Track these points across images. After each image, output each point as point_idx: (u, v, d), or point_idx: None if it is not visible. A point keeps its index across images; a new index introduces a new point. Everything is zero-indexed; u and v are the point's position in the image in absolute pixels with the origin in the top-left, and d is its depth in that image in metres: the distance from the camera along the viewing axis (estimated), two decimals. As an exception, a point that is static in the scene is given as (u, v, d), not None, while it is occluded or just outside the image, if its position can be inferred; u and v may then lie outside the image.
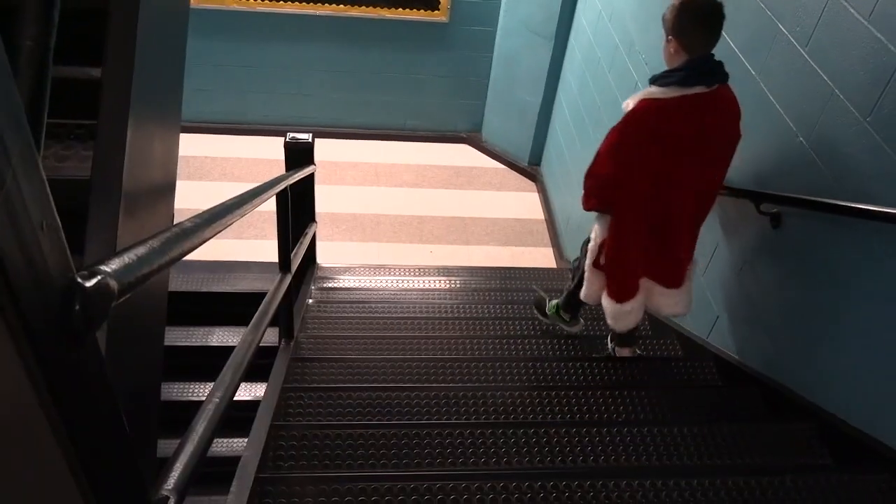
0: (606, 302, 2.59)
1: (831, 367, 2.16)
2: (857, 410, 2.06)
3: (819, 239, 2.18)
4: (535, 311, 3.35)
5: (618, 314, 2.59)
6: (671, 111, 2.18)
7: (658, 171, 2.28)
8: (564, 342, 3.14)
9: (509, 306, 3.77)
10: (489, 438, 2.17)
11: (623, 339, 2.88)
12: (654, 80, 2.23)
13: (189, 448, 1.11)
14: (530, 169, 6.08)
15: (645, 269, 2.53)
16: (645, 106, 2.21)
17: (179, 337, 3.55)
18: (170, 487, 0.99)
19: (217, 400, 1.31)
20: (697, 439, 2.23)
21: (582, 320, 3.15)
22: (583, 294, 2.69)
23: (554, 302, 3.17)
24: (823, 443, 2.20)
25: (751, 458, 2.19)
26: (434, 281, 4.28)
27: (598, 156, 2.39)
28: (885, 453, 1.93)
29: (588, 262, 2.60)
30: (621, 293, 2.55)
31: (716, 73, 2.19)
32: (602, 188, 2.41)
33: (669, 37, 2.20)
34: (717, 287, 2.82)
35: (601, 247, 2.52)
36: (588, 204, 2.48)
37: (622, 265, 2.51)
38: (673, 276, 2.53)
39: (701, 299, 2.95)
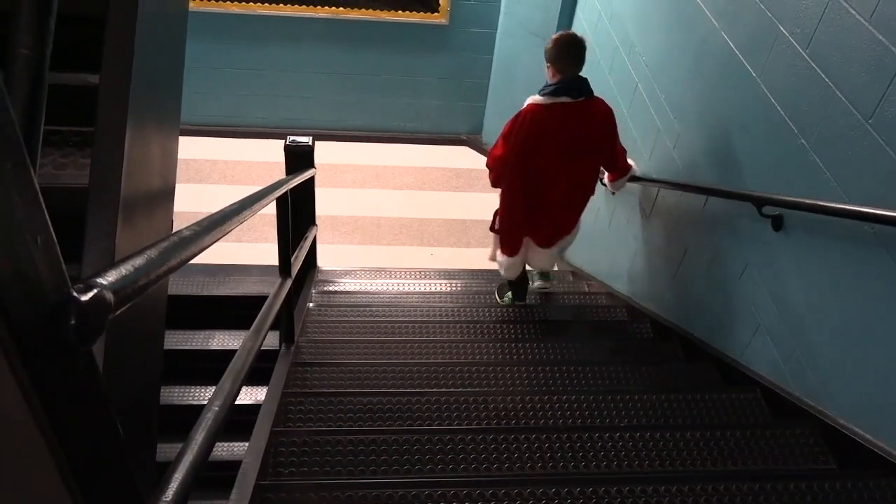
0: (501, 257, 3.45)
1: (835, 371, 2.15)
2: (862, 415, 2.05)
3: (822, 242, 2.17)
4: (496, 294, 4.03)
5: (508, 265, 3.46)
6: (545, 113, 2.96)
7: (533, 158, 3.03)
8: (565, 346, 3.13)
9: (510, 309, 3.76)
10: (490, 444, 2.16)
11: (519, 287, 3.73)
12: (539, 91, 2.99)
13: (188, 458, 1.10)
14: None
15: (526, 231, 3.35)
16: (529, 108, 2.99)
17: (180, 341, 3.55)
18: (168, 499, 0.98)
19: (216, 408, 1.30)
20: (700, 444, 2.22)
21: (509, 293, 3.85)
22: (489, 255, 3.60)
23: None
24: (827, 448, 2.19)
25: (753, 464, 2.18)
26: (435, 284, 4.27)
27: (496, 141, 3.15)
28: (889, 459, 1.92)
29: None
30: (511, 249, 3.39)
31: (580, 89, 2.95)
32: (497, 166, 3.16)
33: (548, 63, 2.96)
34: (718, 289, 2.81)
35: (495, 214, 3.39)
36: (491, 179, 3.28)
37: (510, 227, 3.32)
38: (545, 238, 3.37)
39: (703, 302, 2.94)
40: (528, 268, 3.69)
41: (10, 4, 0.97)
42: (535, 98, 2.97)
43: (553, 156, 3.02)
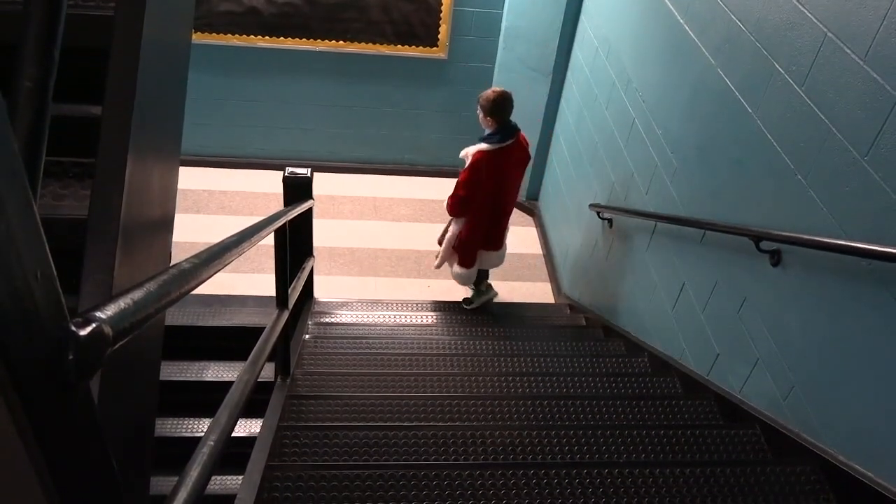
0: (459, 269, 4.24)
1: (836, 407, 2.13)
2: (864, 453, 2.03)
3: (820, 277, 2.17)
4: (464, 306, 4.65)
5: (467, 276, 4.27)
6: (493, 156, 3.77)
7: (490, 191, 3.88)
8: (562, 380, 3.11)
9: (508, 342, 3.74)
10: (488, 480, 2.13)
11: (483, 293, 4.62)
12: (483, 139, 3.79)
13: (182, 494, 1.08)
14: (528, 204, 6.09)
15: (482, 245, 4.21)
16: (480, 155, 3.76)
17: (174, 372, 3.52)
18: (162, 537, 0.97)
19: (212, 442, 1.28)
20: (699, 481, 2.19)
21: (493, 290, 4.74)
22: (437, 265, 4.35)
23: (473, 294, 4.65)
24: (829, 486, 2.16)
25: (754, 502, 2.16)
26: (432, 316, 4.26)
27: (457, 185, 3.93)
28: (892, 499, 1.90)
29: (447, 246, 4.21)
30: (469, 262, 4.21)
31: (513, 131, 3.78)
32: (460, 204, 3.96)
33: (486, 116, 3.73)
34: (717, 324, 2.80)
35: (457, 236, 4.14)
36: (452, 211, 4.06)
37: (471, 245, 4.17)
38: (497, 243, 4.28)
39: (701, 337, 2.93)
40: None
41: (14, 36, 0.98)
42: (483, 146, 3.76)
43: (502, 185, 3.93)
